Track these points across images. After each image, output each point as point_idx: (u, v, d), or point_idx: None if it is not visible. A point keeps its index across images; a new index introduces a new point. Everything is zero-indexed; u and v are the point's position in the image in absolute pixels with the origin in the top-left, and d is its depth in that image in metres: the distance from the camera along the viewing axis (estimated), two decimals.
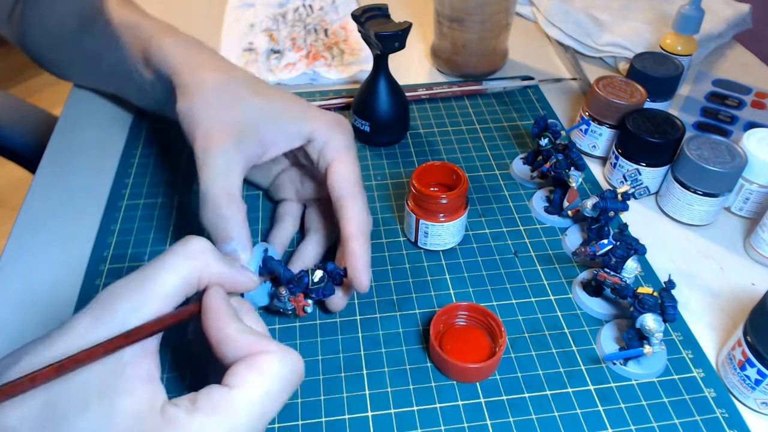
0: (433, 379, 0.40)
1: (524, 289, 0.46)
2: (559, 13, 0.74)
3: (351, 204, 0.41)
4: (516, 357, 0.41)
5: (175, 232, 0.49)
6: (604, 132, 0.56)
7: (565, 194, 0.49)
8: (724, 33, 0.72)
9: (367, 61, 0.70)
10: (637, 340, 0.39)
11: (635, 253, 0.42)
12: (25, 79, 2.12)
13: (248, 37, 0.75)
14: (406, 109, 0.58)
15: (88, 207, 0.52)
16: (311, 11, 0.80)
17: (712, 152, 0.49)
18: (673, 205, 0.51)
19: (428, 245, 0.47)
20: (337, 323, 0.43)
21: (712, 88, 0.67)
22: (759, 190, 0.50)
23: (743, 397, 0.39)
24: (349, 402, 0.39)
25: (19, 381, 0.25)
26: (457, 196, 0.44)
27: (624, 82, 0.56)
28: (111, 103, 0.63)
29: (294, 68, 0.68)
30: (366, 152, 0.58)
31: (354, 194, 0.42)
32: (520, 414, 0.38)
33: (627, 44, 0.68)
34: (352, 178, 0.42)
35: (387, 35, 0.51)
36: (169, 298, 0.29)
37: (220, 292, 0.31)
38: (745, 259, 0.49)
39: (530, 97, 0.66)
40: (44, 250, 0.48)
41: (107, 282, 0.45)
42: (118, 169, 0.56)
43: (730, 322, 0.44)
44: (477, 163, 0.57)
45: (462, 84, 0.66)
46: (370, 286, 0.41)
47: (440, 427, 0.37)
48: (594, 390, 0.39)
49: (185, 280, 0.30)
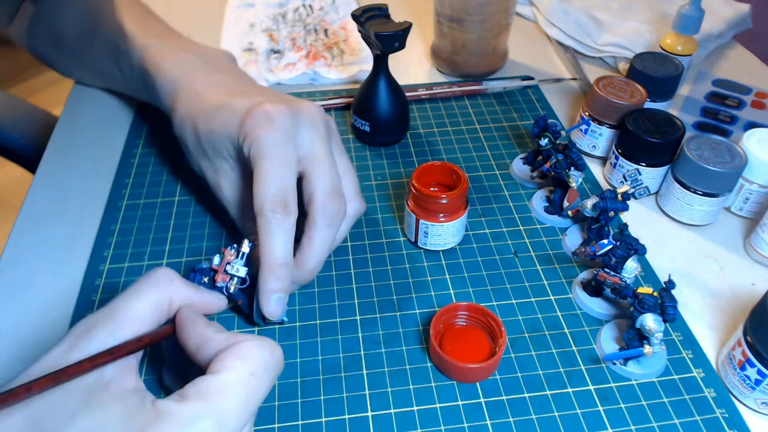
0: (433, 379, 0.40)
1: (524, 289, 0.46)
2: (559, 13, 0.74)
3: (261, 226, 0.37)
4: (516, 357, 0.41)
5: (175, 232, 0.49)
6: (604, 132, 0.56)
7: (565, 194, 0.49)
8: (724, 33, 0.72)
9: (367, 61, 0.70)
10: (637, 340, 0.39)
11: (635, 253, 0.42)
12: (25, 79, 2.12)
13: (248, 37, 0.75)
14: (406, 109, 0.58)
15: (88, 207, 0.52)
16: (311, 11, 0.80)
17: (712, 152, 0.49)
18: (673, 205, 0.51)
19: (428, 245, 0.47)
20: (337, 323, 0.43)
21: (712, 88, 0.67)
22: (759, 190, 0.50)
23: (743, 397, 0.39)
24: (349, 402, 0.39)
25: (16, 389, 0.26)
26: (457, 196, 0.44)
27: (624, 82, 0.56)
28: (111, 102, 0.63)
29: (294, 68, 0.68)
30: (366, 152, 0.58)
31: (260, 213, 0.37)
32: (520, 414, 0.38)
33: (627, 44, 0.68)
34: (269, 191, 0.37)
35: (387, 35, 0.51)
36: (141, 322, 0.30)
37: (190, 308, 0.32)
38: (745, 259, 0.49)
39: (530, 97, 0.66)
40: (44, 250, 0.48)
41: (107, 282, 0.45)
42: (118, 169, 0.56)
43: (730, 322, 0.44)
44: (477, 163, 0.57)
45: (462, 84, 0.66)
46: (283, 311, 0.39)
47: (440, 427, 0.37)
48: (594, 390, 0.39)
49: (155, 305, 0.31)
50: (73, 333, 0.29)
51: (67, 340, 0.29)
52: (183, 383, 0.28)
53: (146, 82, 0.52)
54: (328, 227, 0.40)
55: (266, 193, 0.37)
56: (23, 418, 0.26)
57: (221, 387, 0.28)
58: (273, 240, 0.37)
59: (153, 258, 0.47)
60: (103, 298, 0.44)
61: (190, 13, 0.81)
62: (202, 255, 0.48)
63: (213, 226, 0.50)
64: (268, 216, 0.37)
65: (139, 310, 0.30)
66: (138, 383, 0.29)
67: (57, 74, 0.66)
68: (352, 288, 0.45)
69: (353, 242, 0.49)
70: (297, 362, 0.41)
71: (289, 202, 0.38)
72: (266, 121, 0.39)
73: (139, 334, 0.30)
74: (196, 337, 0.30)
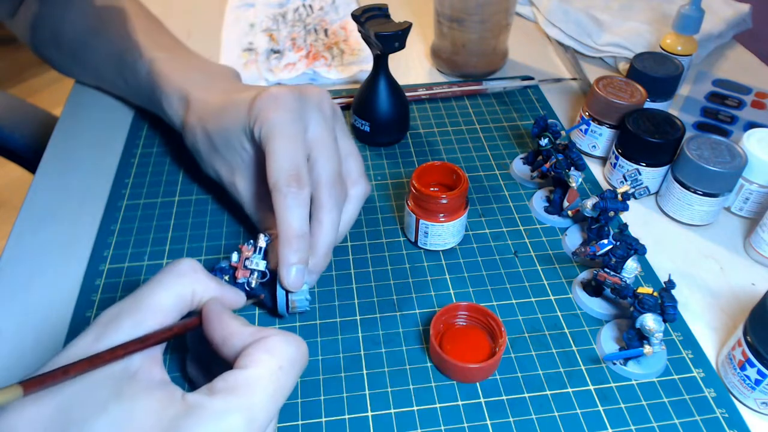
0: (433, 379, 0.40)
1: (524, 289, 0.46)
2: (559, 13, 0.74)
3: (273, 199, 0.38)
4: (516, 357, 0.41)
5: (175, 232, 0.49)
6: (604, 132, 0.56)
7: (565, 194, 0.49)
8: (724, 33, 0.72)
9: (367, 61, 0.70)
10: (637, 340, 0.39)
11: (635, 253, 0.42)
12: (25, 79, 2.12)
13: (248, 37, 0.75)
14: (406, 109, 0.58)
15: (88, 207, 0.52)
16: (311, 11, 0.80)
17: (712, 152, 0.49)
18: (673, 205, 0.51)
19: (428, 245, 0.47)
20: (337, 323, 0.43)
21: (712, 88, 0.67)
22: (759, 190, 0.50)
23: (743, 397, 0.39)
24: (349, 402, 0.39)
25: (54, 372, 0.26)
26: (457, 196, 0.44)
27: (624, 82, 0.56)
28: (111, 103, 0.63)
29: (294, 68, 0.68)
30: (366, 152, 0.58)
31: (275, 188, 0.38)
32: (520, 414, 0.38)
33: (627, 44, 0.68)
34: (277, 168, 0.38)
35: (387, 35, 0.51)
36: (166, 313, 0.30)
37: (217, 301, 0.32)
38: (745, 259, 0.49)
39: (530, 97, 0.66)
40: (44, 250, 0.48)
41: (107, 282, 0.45)
42: (118, 169, 0.56)
43: (730, 322, 0.44)
44: (477, 163, 0.57)
45: (462, 84, 0.66)
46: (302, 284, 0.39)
47: (440, 427, 0.37)
48: (594, 390, 0.39)
49: (179, 297, 0.31)
50: (98, 323, 0.29)
51: (94, 330, 0.29)
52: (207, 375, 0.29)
53: (153, 95, 0.52)
54: (336, 208, 0.41)
55: (280, 168, 0.38)
56: (54, 407, 0.26)
57: (250, 382, 0.28)
58: (289, 213, 0.38)
59: (153, 258, 0.47)
60: (103, 298, 0.44)
61: (190, 13, 0.81)
62: (203, 255, 0.48)
63: (213, 226, 0.50)
64: (283, 190, 0.37)
65: (163, 300, 0.30)
66: (163, 375, 0.29)
67: (57, 74, 0.66)
68: (352, 288, 0.45)
69: (353, 242, 0.49)
70: None
71: (303, 176, 0.38)
72: (274, 103, 0.40)
73: (163, 324, 0.30)
74: (223, 330, 0.31)
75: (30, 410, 0.26)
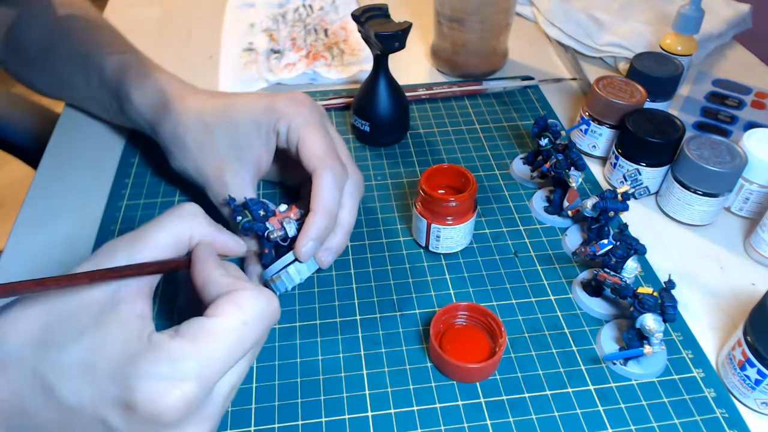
0: (433, 379, 0.40)
1: (524, 289, 0.46)
2: (559, 13, 0.74)
3: (318, 176, 0.41)
4: (516, 357, 0.41)
5: None
6: (604, 132, 0.56)
7: (565, 194, 0.49)
8: (724, 33, 0.72)
9: (367, 61, 0.70)
10: (637, 340, 0.39)
11: (635, 253, 0.42)
12: None
13: (248, 37, 0.75)
14: (406, 109, 0.58)
15: (88, 207, 0.52)
16: (311, 11, 0.80)
17: (712, 152, 0.49)
18: (673, 205, 0.51)
19: (440, 249, 0.47)
20: (337, 323, 0.43)
21: (712, 88, 0.67)
22: (759, 190, 0.50)
23: (743, 397, 0.39)
24: (349, 402, 0.39)
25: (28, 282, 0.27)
26: (467, 199, 0.44)
27: (624, 82, 0.56)
28: None
29: (294, 68, 0.68)
30: (366, 152, 0.58)
31: (321, 167, 0.41)
32: (520, 414, 0.38)
33: (627, 44, 0.68)
34: (319, 151, 0.42)
35: (387, 35, 0.51)
36: (161, 249, 0.32)
37: (207, 246, 0.34)
38: (745, 259, 0.49)
39: (530, 97, 0.66)
40: (44, 249, 0.48)
41: None
42: (118, 169, 0.56)
43: (730, 322, 0.44)
44: (477, 163, 0.57)
45: (462, 84, 0.66)
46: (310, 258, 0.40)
47: (440, 427, 0.37)
48: (594, 390, 0.39)
49: (177, 237, 0.33)
50: (96, 254, 0.31)
51: (91, 260, 0.30)
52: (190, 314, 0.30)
53: (119, 89, 0.51)
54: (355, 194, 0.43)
55: (320, 149, 0.42)
56: (42, 324, 0.28)
57: (212, 331, 0.29)
58: (328, 191, 0.40)
59: None
60: None
61: (190, 13, 0.81)
62: None
63: None
64: (327, 166, 0.41)
65: (160, 238, 0.32)
66: (144, 309, 0.30)
67: None
68: (352, 288, 0.45)
69: (353, 242, 0.49)
70: (297, 362, 0.41)
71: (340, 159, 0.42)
72: (298, 103, 0.44)
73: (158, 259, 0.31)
74: (204, 275, 0.32)
75: (23, 322, 0.28)
